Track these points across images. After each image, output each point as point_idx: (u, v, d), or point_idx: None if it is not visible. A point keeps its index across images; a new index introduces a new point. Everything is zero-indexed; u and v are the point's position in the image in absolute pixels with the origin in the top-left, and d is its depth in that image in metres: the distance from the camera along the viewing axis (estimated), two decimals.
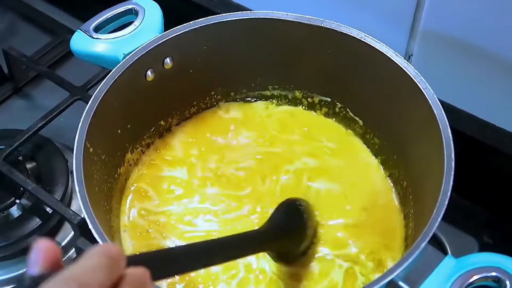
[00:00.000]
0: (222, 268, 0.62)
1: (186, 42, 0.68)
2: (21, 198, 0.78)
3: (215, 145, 0.74)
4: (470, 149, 0.69)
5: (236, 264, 0.63)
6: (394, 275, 0.49)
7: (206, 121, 0.76)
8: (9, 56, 0.91)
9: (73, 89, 0.84)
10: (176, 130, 0.75)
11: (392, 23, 0.76)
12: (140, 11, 0.70)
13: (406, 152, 0.67)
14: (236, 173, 0.71)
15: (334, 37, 0.66)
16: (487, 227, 0.77)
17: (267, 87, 0.76)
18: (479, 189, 0.76)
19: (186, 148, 0.74)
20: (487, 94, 0.74)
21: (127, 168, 0.70)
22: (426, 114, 0.60)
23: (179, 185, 0.70)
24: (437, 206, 0.53)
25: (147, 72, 0.67)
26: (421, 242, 0.51)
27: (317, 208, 0.67)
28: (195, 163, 0.72)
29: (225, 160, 0.73)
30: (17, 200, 0.78)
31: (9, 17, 1.05)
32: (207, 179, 0.71)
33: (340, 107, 0.74)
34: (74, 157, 0.57)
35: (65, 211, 0.72)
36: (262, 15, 0.68)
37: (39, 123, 0.80)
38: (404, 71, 0.62)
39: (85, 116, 0.60)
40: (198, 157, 0.73)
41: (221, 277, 0.62)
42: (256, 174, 0.71)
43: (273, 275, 0.63)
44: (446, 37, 0.72)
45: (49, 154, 0.82)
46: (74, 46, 0.70)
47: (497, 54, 0.69)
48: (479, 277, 0.51)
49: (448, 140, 0.57)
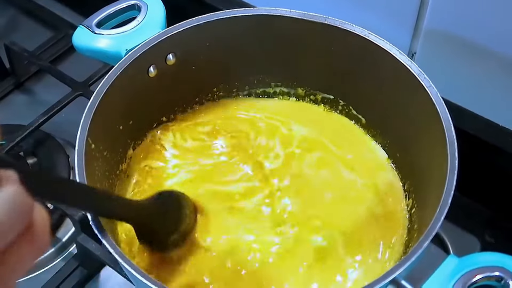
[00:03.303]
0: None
1: (189, 39, 0.68)
2: None
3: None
4: (473, 148, 0.69)
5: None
6: (396, 274, 0.49)
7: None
8: (11, 51, 0.91)
9: (74, 84, 0.84)
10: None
11: (396, 21, 0.75)
12: (143, 6, 0.69)
13: (409, 151, 0.67)
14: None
15: (338, 34, 0.66)
16: (489, 226, 0.77)
17: (270, 84, 0.76)
18: (482, 188, 0.76)
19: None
20: (490, 93, 0.74)
21: (128, 164, 0.70)
22: (430, 112, 0.59)
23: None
24: (440, 205, 0.52)
25: (150, 68, 0.67)
26: (424, 241, 0.50)
27: (316, 203, 0.67)
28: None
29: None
30: None
31: (11, 12, 1.05)
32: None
33: (343, 105, 0.74)
34: (76, 153, 0.57)
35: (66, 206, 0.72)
36: (265, 11, 0.68)
37: (40, 118, 0.80)
38: (408, 69, 0.62)
39: (87, 112, 0.60)
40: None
41: None
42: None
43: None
44: (450, 35, 0.72)
45: (50, 150, 0.83)
46: (76, 41, 0.69)
47: (501, 53, 0.69)
48: (481, 277, 0.50)
49: (452, 138, 0.57)
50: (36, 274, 0.75)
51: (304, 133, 0.73)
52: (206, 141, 0.73)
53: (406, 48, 0.77)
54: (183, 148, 0.72)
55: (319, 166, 0.70)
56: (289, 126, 0.74)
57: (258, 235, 0.64)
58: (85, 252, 0.70)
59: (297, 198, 0.67)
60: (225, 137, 0.73)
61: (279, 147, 0.72)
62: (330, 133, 0.73)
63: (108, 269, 0.73)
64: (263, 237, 0.64)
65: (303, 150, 0.71)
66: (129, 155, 0.70)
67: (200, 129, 0.74)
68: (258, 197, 0.67)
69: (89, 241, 0.70)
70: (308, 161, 0.70)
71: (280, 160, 0.70)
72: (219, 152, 0.72)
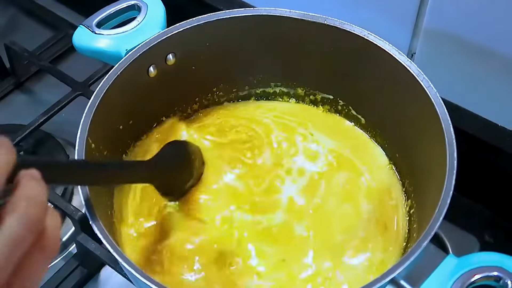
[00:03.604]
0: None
1: (189, 39, 0.68)
2: None
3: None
4: (472, 148, 0.69)
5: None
6: (395, 274, 0.49)
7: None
8: (11, 51, 0.91)
9: (75, 84, 0.84)
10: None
11: (396, 21, 0.75)
12: (143, 7, 0.70)
13: (408, 150, 0.67)
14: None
15: (337, 34, 0.66)
16: (488, 226, 0.77)
17: (270, 84, 0.76)
18: (481, 188, 0.76)
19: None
20: (490, 93, 0.74)
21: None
22: (429, 112, 0.59)
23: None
24: (439, 205, 0.53)
25: (150, 68, 0.67)
26: (423, 241, 0.51)
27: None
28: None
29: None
30: None
31: (11, 12, 1.05)
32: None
33: (342, 105, 0.74)
34: (76, 152, 0.57)
35: (66, 206, 0.72)
36: (265, 12, 0.68)
37: (40, 118, 0.80)
38: (407, 69, 0.62)
39: (87, 111, 0.60)
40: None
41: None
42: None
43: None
44: (450, 35, 0.72)
45: (50, 149, 0.83)
46: (77, 41, 0.69)
47: (501, 53, 0.69)
48: (480, 277, 0.51)
49: (451, 138, 0.57)
50: None
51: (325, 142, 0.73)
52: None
53: (406, 48, 0.77)
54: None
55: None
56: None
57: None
58: (85, 251, 0.71)
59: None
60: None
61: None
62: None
63: (108, 268, 0.73)
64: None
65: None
66: (129, 154, 0.70)
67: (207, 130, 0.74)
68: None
69: (89, 241, 0.70)
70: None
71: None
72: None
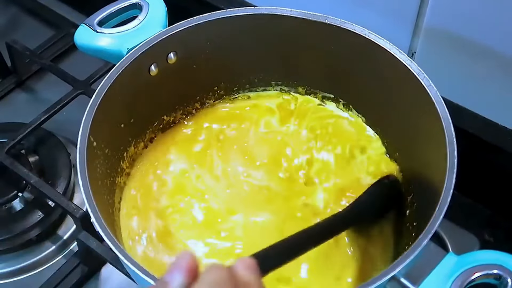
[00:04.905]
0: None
1: (190, 37, 0.68)
2: (23, 192, 0.78)
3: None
4: (472, 147, 0.69)
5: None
6: (396, 272, 0.49)
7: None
8: (13, 50, 0.91)
9: (76, 83, 0.85)
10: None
11: (396, 20, 0.75)
12: (144, 5, 0.70)
13: (408, 149, 0.67)
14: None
15: (338, 33, 0.66)
16: (488, 225, 0.77)
17: (270, 83, 0.76)
18: (481, 187, 0.77)
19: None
20: (490, 92, 0.74)
21: (129, 162, 0.70)
22: (429, 111, 0.60)
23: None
24: (439, 203, 0.53)
25: (151, 66, 0.67)
26: (423, 239, 0.51)
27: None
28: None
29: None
30: (20, 193, 0.78)
31: (13, 11, 1.05)
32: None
33: (343, 104, 0.74)
34: (78, 150, 0.57)
35: (67, 204, 0.72)
36: (266, 11, 0.68)
37: (42, 116, 0.80)
38: (408, 68, 0.62)
39: (89, 110, 0.60)
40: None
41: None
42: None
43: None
44: (450, 34, 0.72)
45: (51, 148, 0.83)
46: (78, 40, 0.69)
47: (501, 52, 0.69)
48: (480, 275, 0.51)
49: (451, 137, 0.57)
50: (37, 272, 0.75)
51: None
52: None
53: (406, 48, 0.77)
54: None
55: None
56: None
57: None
58: (86, 249, 0.71)
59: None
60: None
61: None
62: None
63: (109, 266, 0.73)
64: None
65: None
66: (130, 152, 0.70)
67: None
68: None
69: (90, 239, 0.70)
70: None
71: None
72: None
